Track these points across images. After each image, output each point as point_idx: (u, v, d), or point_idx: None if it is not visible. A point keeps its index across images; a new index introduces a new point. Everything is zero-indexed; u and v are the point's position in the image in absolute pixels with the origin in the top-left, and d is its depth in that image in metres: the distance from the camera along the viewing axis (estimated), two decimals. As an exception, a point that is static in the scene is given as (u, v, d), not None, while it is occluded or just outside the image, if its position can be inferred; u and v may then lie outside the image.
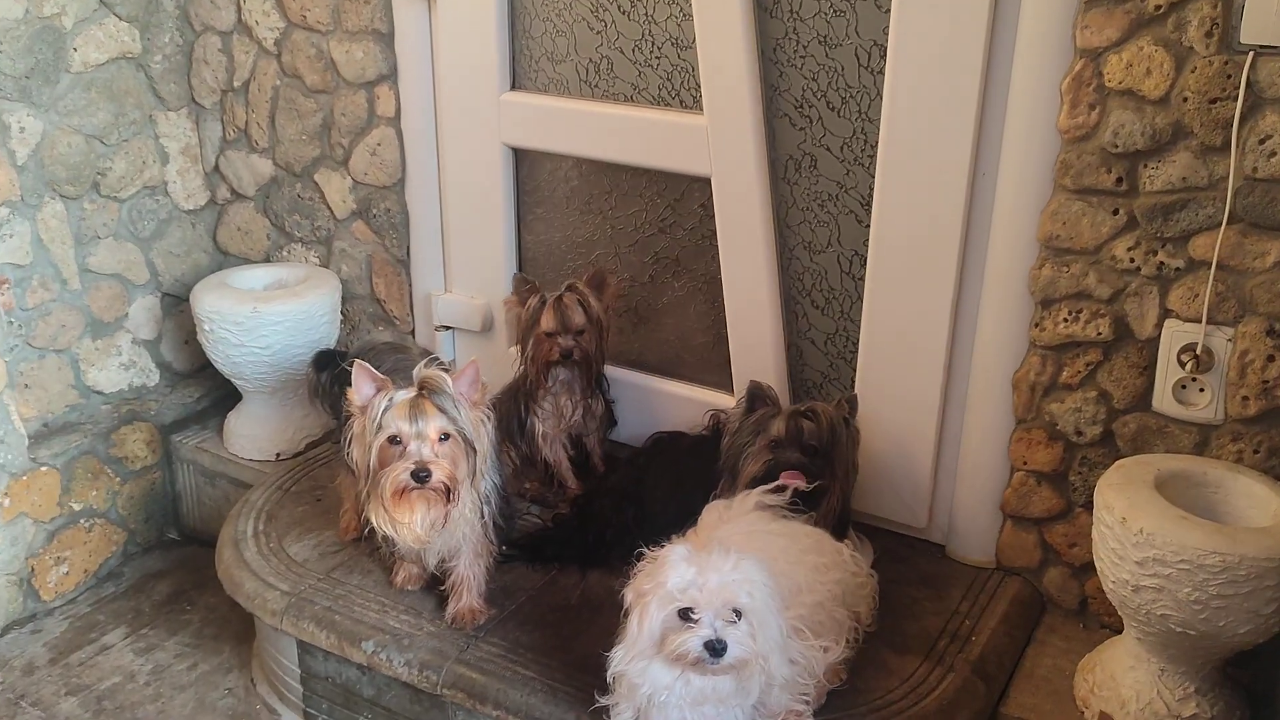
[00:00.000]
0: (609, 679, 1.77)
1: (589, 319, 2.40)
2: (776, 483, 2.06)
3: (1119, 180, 1.98)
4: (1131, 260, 2.02)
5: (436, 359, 2.03)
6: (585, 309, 2.39)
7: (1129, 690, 1.95)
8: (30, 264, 2.80)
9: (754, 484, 2.09)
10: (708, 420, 2.43)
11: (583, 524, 2.39)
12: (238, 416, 3.01)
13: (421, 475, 1.90)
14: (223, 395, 3.15)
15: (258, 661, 2.55)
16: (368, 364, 1.99)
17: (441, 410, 1.93)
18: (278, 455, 2.93)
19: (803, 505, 2.06)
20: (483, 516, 2.10)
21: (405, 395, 1.94)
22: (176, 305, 3.18)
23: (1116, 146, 1.96)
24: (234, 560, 2.42)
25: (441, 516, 1.97)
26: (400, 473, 1.91)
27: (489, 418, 2.05)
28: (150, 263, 3.12)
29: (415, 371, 1.96)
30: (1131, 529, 1.80)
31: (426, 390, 1.93)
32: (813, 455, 2.11)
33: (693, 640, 1.64)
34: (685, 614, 1.66)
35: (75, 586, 2.89)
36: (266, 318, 2.77)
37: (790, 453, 2.11)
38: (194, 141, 3.16)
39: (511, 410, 2.53)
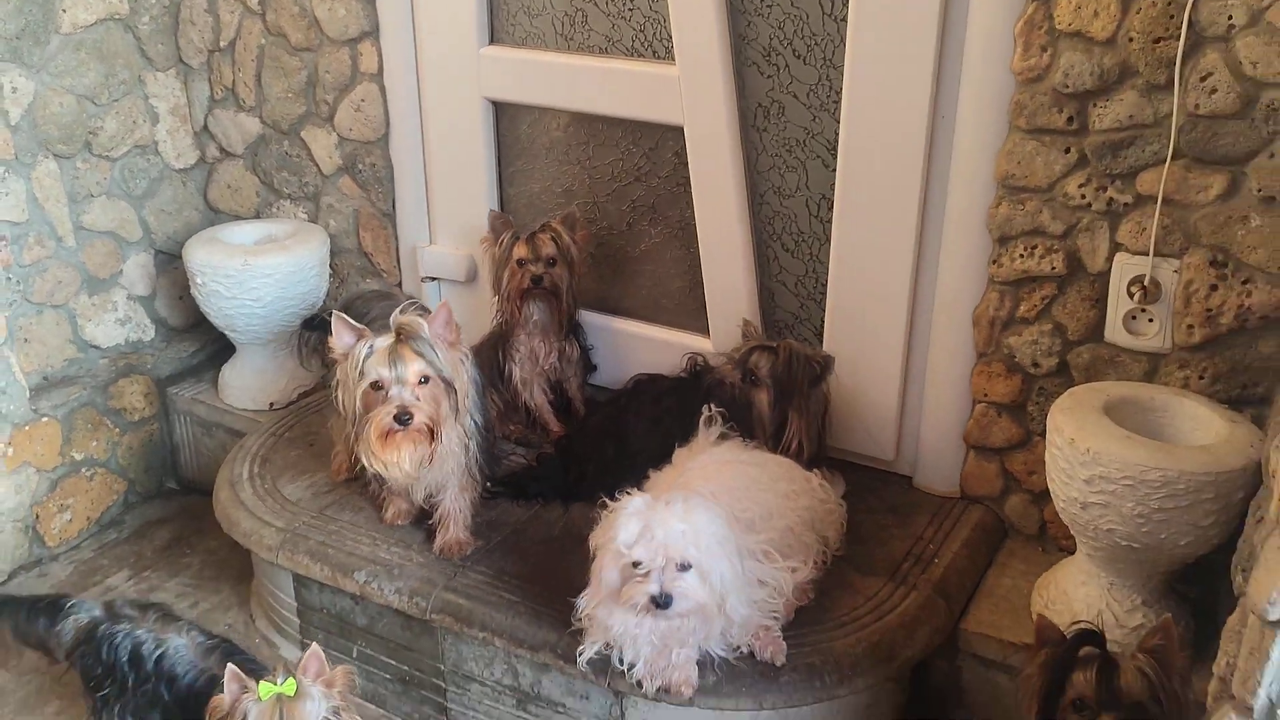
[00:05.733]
0: (578, 618, 1.87)
1: (560, 251, 2.50)
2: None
3: (1070, 119, 2.06)
4: (1083, 197, 2.10)
5: (415, 302, 2.09)
6: (557, 243, 2.49)
7: (1080, 604, 2.05)
8: (26, 221, 2.87)
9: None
10: (686, 363, 2.50)
11: (565, 461, 2.47)
12: (232, 368, 3.08)
13: (404, 418, 1.98)
14: (218, 349, 3.23)
15: (256, 598, 2.64)
16: (346, 316, 2.06)
17: (419, 354, 2.00)
18: (271, 405, 3.01)
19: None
20: (468, 451, 2.18)
21: (384, 342, 2.01)
22: (170, 262, 3.25)
23: (1067, 87, 2.04)
24: (230, 500, 2.51)
25: (428, 454, 2.05)
26: (384, 416, 1.99)
27: (467, 356, 2.13)
28: (143, 220, 3.18)
29: (391, 318, 2.03)
30: (1079, 448, 1.89)
31: (404, 336, 2.00)
32: (753, 385, 2.33)
33: (640, 594, 1.74)
34: (638, 564, 1.74)
35: (78, 533, 2.99)
36: (257, 271, 2.85)
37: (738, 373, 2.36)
38: (183, 101, 3.22)
39: (491, 359, 2.62)
